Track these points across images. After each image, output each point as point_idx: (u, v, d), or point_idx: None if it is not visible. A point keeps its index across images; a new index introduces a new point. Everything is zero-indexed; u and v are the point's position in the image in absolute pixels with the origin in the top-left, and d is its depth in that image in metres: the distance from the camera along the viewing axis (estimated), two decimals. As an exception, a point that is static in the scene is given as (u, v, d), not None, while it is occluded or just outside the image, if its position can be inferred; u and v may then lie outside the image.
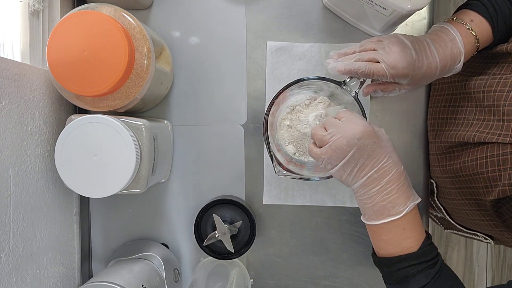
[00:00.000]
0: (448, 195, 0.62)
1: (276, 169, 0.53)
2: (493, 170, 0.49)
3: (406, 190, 0.47)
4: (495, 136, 0.49)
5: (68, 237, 0.62)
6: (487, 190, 0.51)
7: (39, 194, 0.54)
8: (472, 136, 0.52)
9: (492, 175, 0.49)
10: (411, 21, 0.63)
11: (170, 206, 0.66)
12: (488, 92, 0.51)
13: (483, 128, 0.51)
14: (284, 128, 0.58)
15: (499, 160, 0.48)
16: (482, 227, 0.60)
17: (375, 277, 0.65)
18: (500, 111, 0.49)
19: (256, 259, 0.66)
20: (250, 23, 0.63)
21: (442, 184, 0.62)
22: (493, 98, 0.50)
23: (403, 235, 0.46)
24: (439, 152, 0.60)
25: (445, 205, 0.67)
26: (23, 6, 0.56)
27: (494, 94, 0.50)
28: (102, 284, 0.50)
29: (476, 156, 0.52)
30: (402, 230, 0.46)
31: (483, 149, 0.51)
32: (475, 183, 0.53)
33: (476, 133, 0.52)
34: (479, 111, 0.53)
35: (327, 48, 0.62)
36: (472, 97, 0.54)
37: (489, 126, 0.51)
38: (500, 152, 0.48)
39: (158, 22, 0.64)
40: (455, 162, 0.56)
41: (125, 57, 0.47)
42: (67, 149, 0.49)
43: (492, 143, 0.49)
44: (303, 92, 0.57)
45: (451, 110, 0.59)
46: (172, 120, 0.65)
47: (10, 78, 0.49)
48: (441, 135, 0.59)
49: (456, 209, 0.63)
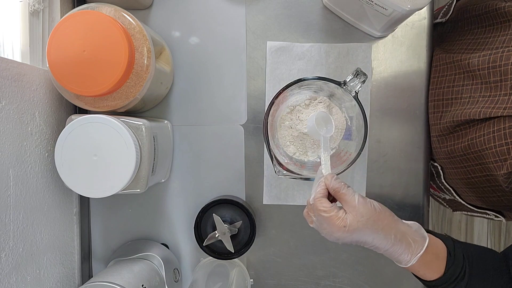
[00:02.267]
0: (456, 175, 0.62)
1: (276, 169, 0.53)
2: (500, 144, 0.49)
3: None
4: (501, 109, 0.49)
5: (68, 237, 0.62)
6: (498, 164, 0.50)
7: (39, 194, 0.54)
8: (478, 113, 0.52)
9: (500, 149, 0.49)
10: (411, 21, 0.63)
11: (170, 206, 0.66)
12: (493, 67, 0.50)
13: (488, 103, 0.51)
14: (284, 128, 0.58)
15: (506, 133, 0.48)
16: (494, 203, 0.59)
17: (375, 277, 0.65)
18: (507, 85, 0.49)
19: (256, 259, 0.66)
20: (250, 23, 0.63)
21: (449, 165, 0.62)
22: (499, 73, 0.50)
23: (433, 263, 0.47)
24: (445, 133, 0.59)
25: (453, 186, 0.66)
26: (23, 6, 0.56)
27: (499, 68, 0.50)
28: (102, 284, 0.50)
29: (483, 131, 0.51)
30: (423, 268, 0.47)
31: (490, 124, 0.50)
32: (485, 159, 0.53)
33: (481, 109, 0.52)
34: (484, 88, 0.53)
35: (327, 48, 0.63)
36: (476, 74, 0.54)
37: (494, 101, 0.51)
38: (507, 125, 0.48)
39: (158, 22, 0.64)
40: (463, 140, 0.56)
41: (125, 57, 0.47)
42: (67, 149, 0.49)
43: (499, 117, 0.49)
44: (303, 92, 0.57)
45: (456, 90, 0.58)
46: (172, 120, 0.65)
47: (10, 78, 0.49)
48: (446, 115, 0.58)
49: (466, 188, 0.63)
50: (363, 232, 0.45)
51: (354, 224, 0.45)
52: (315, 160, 0.58)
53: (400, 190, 0.64)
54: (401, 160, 0.64)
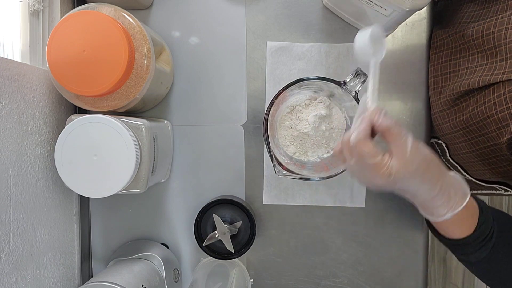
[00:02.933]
0: (462, 150, 0.61)
1: (276, 169, 0.53)
2: (502, 110, 0.48)
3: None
4: (499, 75, 0.48)
5: (68, 237, 0.62)
6: (500, 132, 0.50)
7: (39, 194, 0.54)
8: (477, 81, 0.52)
9: (502, 115, 0.48)
10: (411, 21, 0.63)
11: (170, 206, 0.66)
12: (487, 35, 0.50)
13: (486, 71, 0.51)
14: (284, 128, 0.58)
15: (506, 98, 0.47)
16: (501, 174, 0.59)
17: (375, 277, 0.65)
18: (502, 51, 0.49)
19: (256, 259, 0.66)
20: (250, 23, 0.63)
21: (453, 140, 0.61)
22: (493, 40, 0.50)
23: (465, 221, 0.46)
24: (446, 107, 0.59)
25: (460, 162, 0.66)
26: (23, 6, 0.56)
27: (493, 35, 0.50)
28: (102, 284, 0.50)
29: (484, 100, 0.51)
30: (457, 224, 0.46)
31: (490, 92, 0.50)
32: (487, 128, 0.52)
33: (480, 77, 0.51)
34: (480, 57, 0.53)
35: (327, 48, 0.62)
36: (472, 45, 0.54)
37: (492, 68, 0.50)
38: (507, 90, 0.47)
39: (158, 22, 0.64)
40: (464, 113, 0.55)
41: (125, 57, 0.47)
42: (67, 149, 0.49)
43: (498, 83, 0.49)
44: (303, 92, 0.57)
45: (453, 63, 0.58)
46: (172, 120, 0.65)
47: (10, 78, 0.49)
48: (446, 90, 0.58)
49: (472, 163, 0.62)
50: (409, 181, 0.42)
51: (401, 174, 0.40)
52: (315, 160, 0.58)
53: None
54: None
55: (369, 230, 0.65)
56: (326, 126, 0.57)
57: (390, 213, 0.64)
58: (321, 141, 0.57)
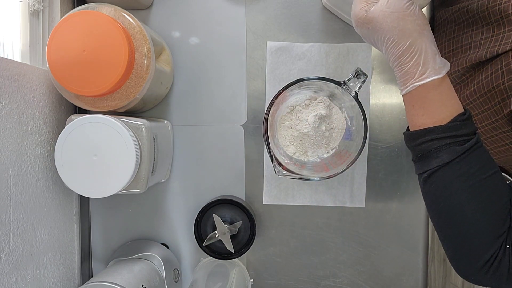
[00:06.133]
0: None
1: (276, 169, 0.53)
2: (509, 79, 0.47)
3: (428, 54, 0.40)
4: (508, 44, 0.48)
5: (68, 237, 0.62)
6: (504, 103, 0.49)
7: (39, 194, 0.54)
8: (484, 54, 0.51)
9: (509, 83, 0.47)
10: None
11: (170, 206, 0.66)
12: (493, 7, 0.50)
13: (493, 43, 0.51)
14: (284, 128, 0.58)
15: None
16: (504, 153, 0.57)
17: (375, 277, 0.65)
18: (510, 21, 0.48)
19: (256, 259, 0.66)
20: (250, 23, 0.63)
21: None
22: (499, 11, 0.49)
23: (434, 104, 0.41)
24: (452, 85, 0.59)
25: None
26: (23, 6, 0.56)
27: (499, 7, 0.49)
28: (102, 284, 0.50)
29: (491, 70, 0.50)
30: (433, 98, 0.41)
31: (497, 62, 0.49)
32: (491, 102, 0.51)
33: (487, 49, 0.51)
34: (486, 30, 0.53)
35: (327, 48, 0.63)
36: (476, 19, 0.54)
37: (499, 39, 0.50)
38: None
39: (158, 22, 0.64)
40: (468, 87, 0.55)
41: (125, 57, 0.47)
42: (67, 149, 0.49)
43: (506, 52, 0.48)
44: (303, 92, 0.57)
45: (456, 40, 0.58)
46: (172, 120, 0.65)
47: (10, 78, 0.49)
48: (450, 68, 0.57)
49: None
50: (380, 23, 0.41)
51: (375, 12, 0.41)
52: (315, 160, 0.58)
53: (400, 191, 0.64)
54: (401, 162, 0.64)
55: (369, 230, 0.65)
56: (326, 126, 0.57)
57: (390, 213, 0.64)
58: (321, 141, 0.57)
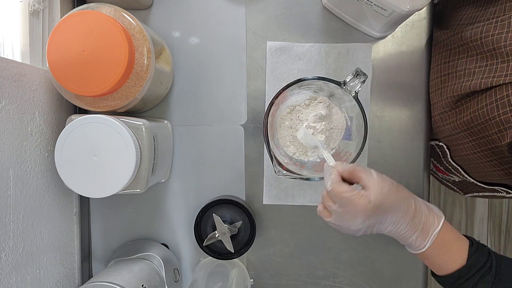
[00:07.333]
0: (463, 151, 0.61)
1: (276, 169, 0.53)
2: (504, 112, 0.48)
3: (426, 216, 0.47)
4: (502, 77, 0.49)
5: (68, 237, 0.62)
6: (501, 134, 0.50)
7: (39, 194, 0.54)
8: (479, 84, 0.52)
9: (504, 117, 0.49)
10: (411, 21, 0.63)
11: (170, 206, 0.66)
12: (486, 37, 0.51)
13: (487, 73, 0.51)
14: (284, 128, 0.58)
15: (509, 100, 0.48)
16: (502, 177, 0.59)
17: (375, 277, 0.65)
18: (502, 53, 0.49)
19: (256, 259, 0.66)
20: (250, 23, 0.63)
21: (455, 141, 0.61)
22: (491, 42, 0.50)
23: (453, 246, 0.47)
24: (447, 109, 0.59)
25: (461, 164, 0.66)
26: (23, 6, 0.56)
27: (492, 38, 0.50)
28: (102, 284, 0.50)
29: (486, 102, 0.51)
30: (449, 239, 0.47)
31: (492, 94, 0.50)
32: (489, 131, 0.52)
33: (481, 79, 0.52)
34: (480, 58, 0.53)
35: (327, 48, 0.63)
36: (470, 46, 0.54)
37: (493, 70, 0.51)
38: (510, 92, 0.48)
39: (158, 22, 0.64)
40: (465, 114, 0.56)
41: (125, 57, 0.47)
42: (67, 149, 0.49)
43: (500, 85, 0.49)
44: (303, 92, 0.57)
45: (451, 65, 0.59)
46: (172, 120, 0.65)
47: (10, 78, 0.49)
48: (445, 91, 0.59)
49: (473, 164, 0.62)
50: (385, 205, 0.45)
51: (378, 197, 0.44)
52: (315, 160, 0.58)
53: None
54: (401, 162, 0.64)
55: (369, 230, 0.65)
56: (326, 126, 0.57)
57: (390, 213, 0.64)
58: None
